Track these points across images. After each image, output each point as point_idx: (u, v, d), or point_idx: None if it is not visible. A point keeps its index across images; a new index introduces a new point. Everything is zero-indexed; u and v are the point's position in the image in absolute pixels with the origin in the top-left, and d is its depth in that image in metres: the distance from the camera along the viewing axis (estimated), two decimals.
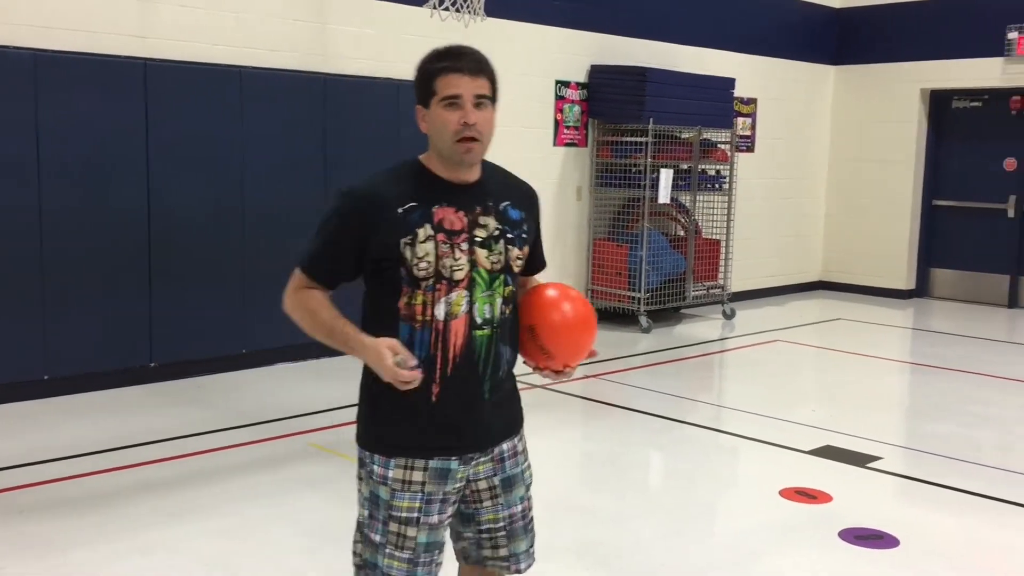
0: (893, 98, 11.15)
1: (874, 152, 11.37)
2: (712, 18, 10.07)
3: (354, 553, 2.41)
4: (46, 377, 6.02)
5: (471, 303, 2.26)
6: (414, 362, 2.17)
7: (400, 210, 2.23)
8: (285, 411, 5.87)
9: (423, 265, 2.21)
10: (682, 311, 9.86)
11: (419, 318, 2.24)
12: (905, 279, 11.29)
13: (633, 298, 8.80)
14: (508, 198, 2.37)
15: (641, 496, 4.81)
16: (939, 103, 11.14)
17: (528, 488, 2.52)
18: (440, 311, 2.24)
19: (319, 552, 3.95)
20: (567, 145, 8.89)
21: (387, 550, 2.32)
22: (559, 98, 8.75)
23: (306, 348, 7.16)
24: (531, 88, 8.53)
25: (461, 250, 2.25)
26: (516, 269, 2.35)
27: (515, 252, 2.33)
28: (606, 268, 8.98)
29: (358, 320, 2.33)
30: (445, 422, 2.29)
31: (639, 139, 8.70)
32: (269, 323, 6.87)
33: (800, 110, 11.35)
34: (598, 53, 9.00)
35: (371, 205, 2.24)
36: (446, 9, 6.17)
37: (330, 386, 6.52)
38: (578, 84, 8.91)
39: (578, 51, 8.88)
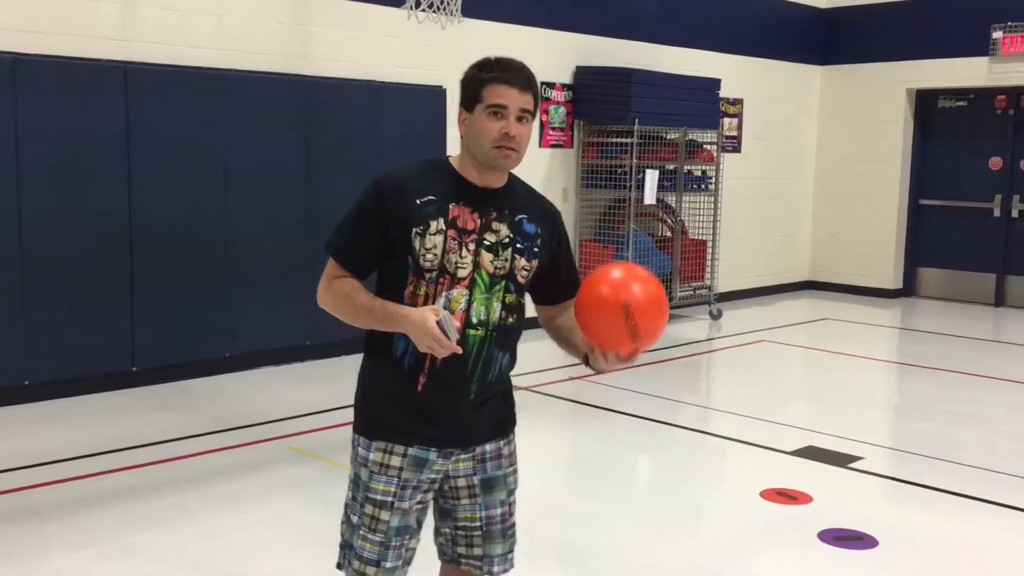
0: (880, 98, 11.16)
1: (861, 152, 11.39)
2: (698, 19, 10.07)
3: (341, 534, 2.48)
4: (27, 382, 5.99)
5: (469, 302, 2.31)
6: (457, 324, 2.24)
7: (418, 201, 2.30)
8: (267, 415, 5.85)
9: (429, 257, 2.28)
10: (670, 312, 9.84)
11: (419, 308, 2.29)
12: (892, 278, 11.31)
13: None
14: (526, 212, 2.41)
15: (621, 497, 4.79)
16: (925, 102, 11.17)
17: (511, 494, 2.53)
18: (439, 304, 2.29)
19: (297, 554, 3.93)
20: (552, 147, 8.88)
21: (361, 532, 2.38)
22: (544, 99, 8.75)
23: (289, 352, 7.14)
24: None
25: (468, 249, 2.31)
26: (521, 280, 2.38)
27: (521, 262, 2.37)
28: (592, 269, 8.94)
29: None
30: (427, 413, 2.34)
31: (625, 140, 8.70)
32: (252, 326, 6.90)
33: (787, 110, 11.36)
34: (583, 54, 9.00)
35: (394, 194, 2.30)
36: (423, 11, 6.15)
37: (312, 389, 6.50)
38: (563, 85, 8.90)
39: (563, 52, 8.88)
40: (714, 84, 9.44)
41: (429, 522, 2.54)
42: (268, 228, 6.92)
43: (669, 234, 9.51)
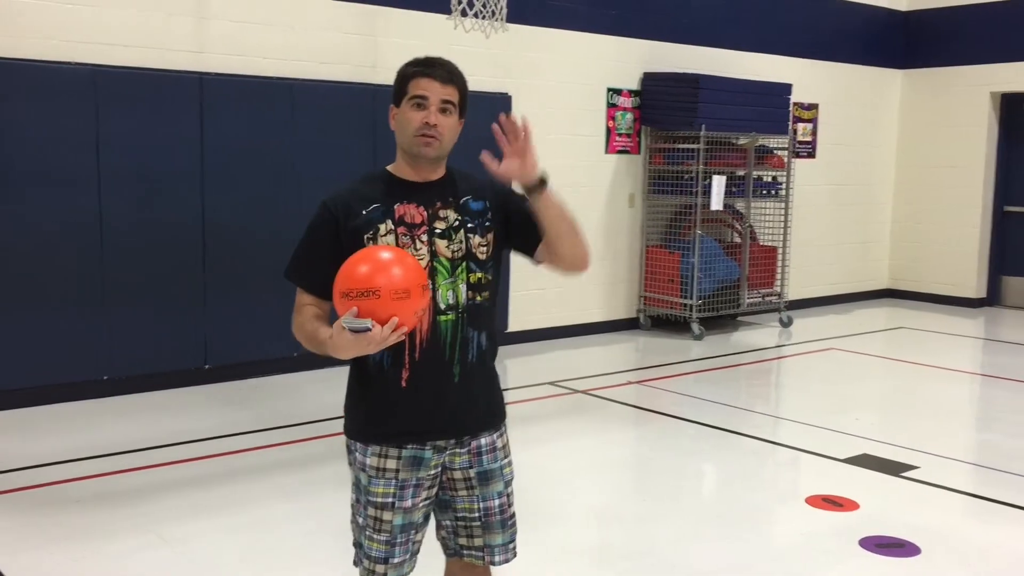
0: (963, 102, 10.89)
1: (943, 157, 11.11)
2: (771, 24, 9.99)
3: (352, 533, 2.58)
4: (105, 378, 6.32)
5: (434, 290, 2.39)
6: (366, 324, 2.19)
7: (364, 211, 2.41)
8: (328, 412, 6.03)
9: None
10: (739, 319, 9.79)
11: None
12: (975, 287, 11.00)
13: (685, 305, 8.79)
14: (469, 192, 2.50)
15: (663, 499, 4.82)
16: (1011, 106, 10.83)
17: (508, 484, 2.57)
18: None
19: (339, 548, 4.07)
20: (619, 152, 8.92)
21: (367, 532, 2.47)
22: (611, 105, 8.80)
23: None
24: (582, 96, 8.60)
25: (421, 241, 2.40)
26: (482, 256, 2.45)
27: (476, 240, 2.45)
28: (658, 275, 8.99)
29: None
30: (414, 407, 2.41)
31: (692, 146, 8.69)
32: None
33: (865, 115, 11.17)
34: (652, 61, 9.02)
35: (340, 212, 2.42)
36: (467, 17, 6.28)
37: None
38: (630, 92, 8.94)
39: (631, 59, 8.91)
40: (784, 89, 9.34)
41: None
42: None
43: (738, 240, 9.45)
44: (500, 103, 7.91)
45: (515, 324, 8.24)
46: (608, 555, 4.12)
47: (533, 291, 8.35)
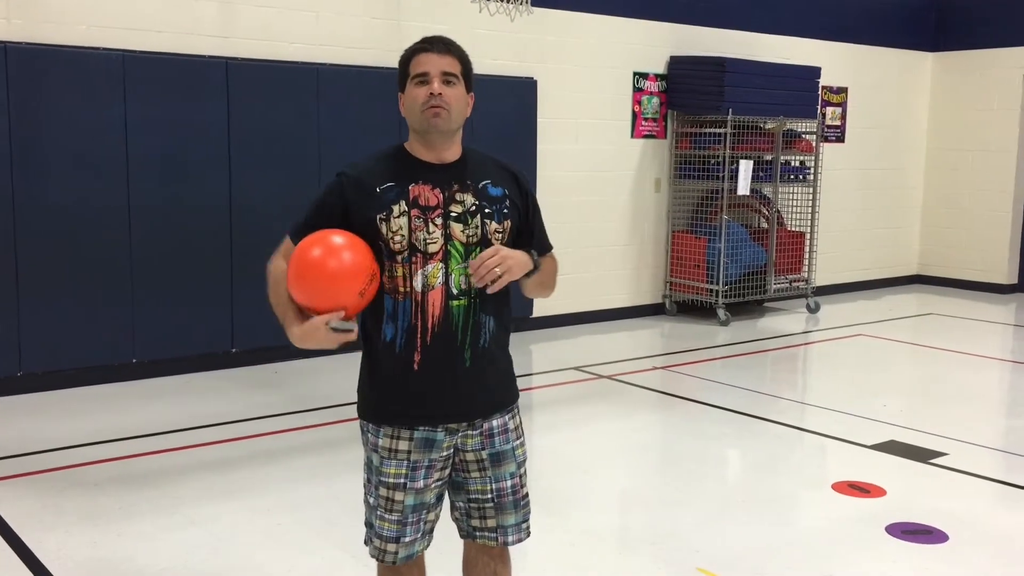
0: (994, 85, 10.72)
1: (974, 141, 10.96)
2: (801, 6, 9.88)
3: (365, 513, 2.58)
4: (134, 360, 6.38)
5: (447, 274, 2.38)
6: (351, 326, 2.28)
7: (378, 189, 2.39)
8: (351, 397, 5.99)
9: (397, 239, 2.36)
10: (766, 304, 9.72)
11: (400, 289, 2.38)
12: (1007, 273, 10.85)
13: (711, 291, 8.74)
14: (488, 176, 2.47)
15: (688, 484, 4.80)
16: None
17: (520, 466, 2.57)
18: (418, 283, 2.37)
19: (362, 529, 4.09)
20: (645, 137, 8.87)
21: (379, 512, 2.48)
22: (637, 90, 8.74)
23: None
24: (607, 80, 8.55)
25: (435, 224, 2.37)
26: (496, 243, 2.43)
27: (493, 226, 2.42)
28: (684, 260, 8.94)
29: None
30: (426, 390, 2.41)
31: (719, 130, 8.62)
32: None
33: (895, 99, 11.03)
34: (678, 44, 8.95)
35: (354, 186, 2.41)
36: (492, 0, 6.26)
37: None
38: (657, 76, 8.87)
39: (657, 43, 8.85)
40: (813, 73, 9.23)
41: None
42: None
43: (765, 225, 9.38)
44: (525, 87, 7.88)
45: (540, 309, 8.22)
46: (631, 539, 4.12)
47: (558, 276, 8.31)
